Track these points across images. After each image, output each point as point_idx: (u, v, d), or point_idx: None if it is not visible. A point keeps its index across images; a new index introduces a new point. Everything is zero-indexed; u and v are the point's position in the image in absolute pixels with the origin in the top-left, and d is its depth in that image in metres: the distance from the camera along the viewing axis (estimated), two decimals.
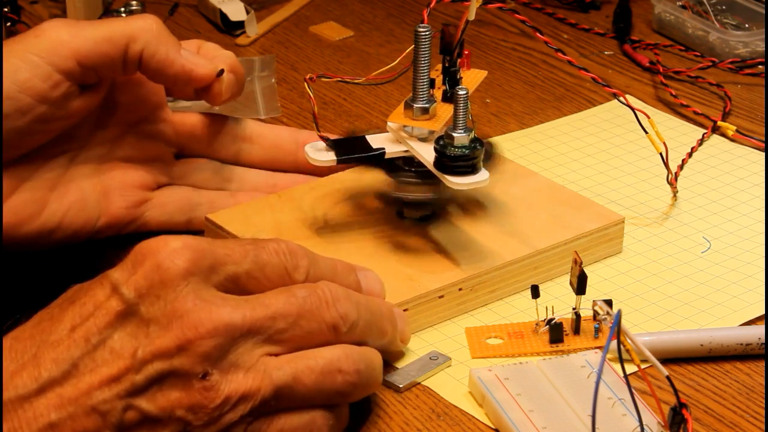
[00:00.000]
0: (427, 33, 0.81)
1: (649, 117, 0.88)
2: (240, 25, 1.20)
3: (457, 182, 0.79)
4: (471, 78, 0.87)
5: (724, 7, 1.19)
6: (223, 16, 1.20)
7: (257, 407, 0.64)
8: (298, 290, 0.67)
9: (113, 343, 0.62)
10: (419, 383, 0.75)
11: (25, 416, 0.60)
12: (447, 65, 0.83)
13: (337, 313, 0.67)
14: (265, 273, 0.67)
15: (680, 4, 1.19)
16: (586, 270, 0.77)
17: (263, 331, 0.64)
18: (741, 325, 0.80)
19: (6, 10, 1.19)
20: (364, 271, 0.73)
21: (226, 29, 1.20)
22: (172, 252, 0.63)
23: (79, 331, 0.62)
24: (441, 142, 0.79)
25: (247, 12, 1.20)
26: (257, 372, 0.64)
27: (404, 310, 0.78)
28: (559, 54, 0.88)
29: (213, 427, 0.63)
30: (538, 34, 0.86)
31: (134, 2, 1.24)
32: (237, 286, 0.66)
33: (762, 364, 0.77)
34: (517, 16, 0.86)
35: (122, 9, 1.23)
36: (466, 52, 0.85)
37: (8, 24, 1.19)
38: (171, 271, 0.63)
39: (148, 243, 0.64)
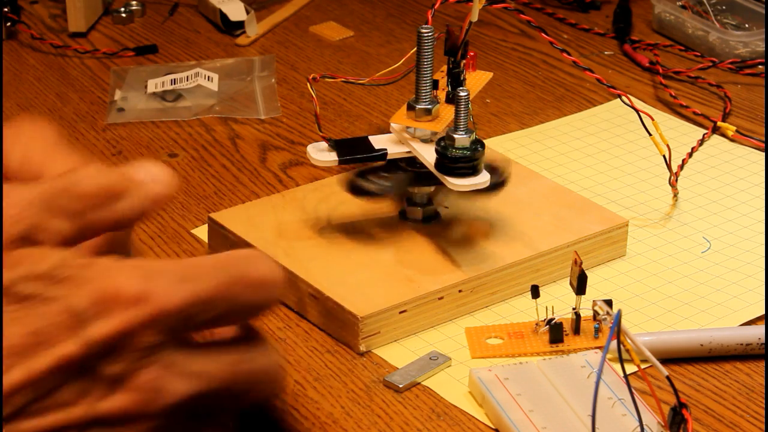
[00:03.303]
0: (430, 34, 0.81)
1: (653, 118, 0.88)
2: (240, 25, 1.20)
3: (457, 184, 0.79)
4: (476, 80, 0.87)
5: (724, 7, 1.19)
6: (223, 16, 1.20)
7: None
8: (245, 357, 0.63)
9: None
10: (419, 383, 0.75)
11: None
12: (451, 66, 0.83)
13: None
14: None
15: (680, 4, 1.19)
16: (588, 272, 0.77)
17: None
18: (741, 325, 0.80)
19: (6, 10, 1.19)
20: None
21: (226, 29, 1.20)
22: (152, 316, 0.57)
23: None
24: (442, 144, 0.80)
25: (247, 12, 1.20)
26: None
27: (403, 311, 0.78)
28: (564, 55, 0.88)
29: None
30: (543, 35, 0.86)
31: (134, 2, 1.24)
32: (204, 326, 0.61)
33: (762, 364, 0.77)
34: (522, 16, 0.86)
35: (122, 9, 1.23)
36: (471, 54, 0.85)
37: (8, 24, 1.19)
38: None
39: None
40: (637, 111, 0.87)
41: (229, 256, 0.60)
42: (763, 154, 1.00)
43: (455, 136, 0.79)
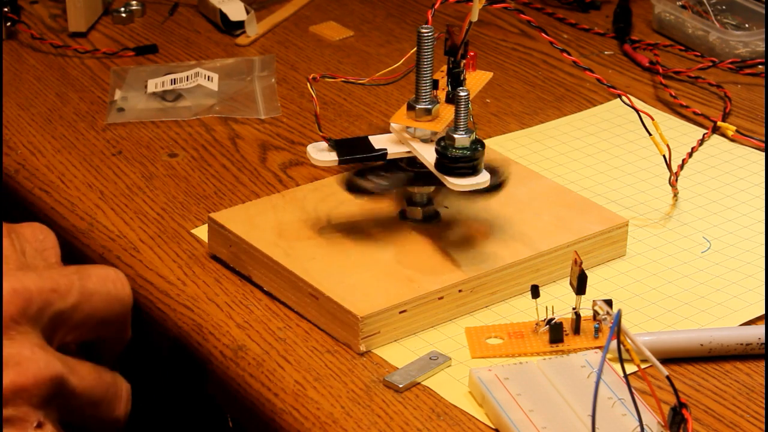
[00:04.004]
0: (430, 34, 0.81)
1: (653, 118, 0.88)
2: (240, 25, 1.20)
3: (457, 183, 0.79)
4: (476, 79, 0.87)
5: (724, 7, 1.19)
6: (223, 16, 1.20)
7: None
8: (106, 374, 0.69)
9: None
10: (419, 383, 0.75)
11: None
12: (451, 66, 0.83)
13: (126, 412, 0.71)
14: (92, 303, 0.67)
15: (680, 4, 1.19)
16: (588, 272, 0.77)
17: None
18: (741, 325, 0.80)
19: (6, 10, 1.19)
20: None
21: (226, 29, 1.20)
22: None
23: None
24: (442, 144, 0.80)
25: (247, 12, 1.20)
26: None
27: (403, 311, 0.78)
28: (564, 54, 0.88)
29: None
30: (543, 35, 0.86)
31: (134, 2, 1.24)
32: (63, 324, 0.66)
33: (762, 364, 0.77)
34: (522, 16, 0.86)
35: (122, 9, 1.23)
36: (471, 54, 0.85)
37: (8, 24, 1.19)
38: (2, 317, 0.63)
39: None
40: (637, 111, 0.87)
41: (89, 267, 0.69)
42: (763, 154, 1.00)
43: (455, 136, 0.79)
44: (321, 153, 0.83)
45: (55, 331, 0.65)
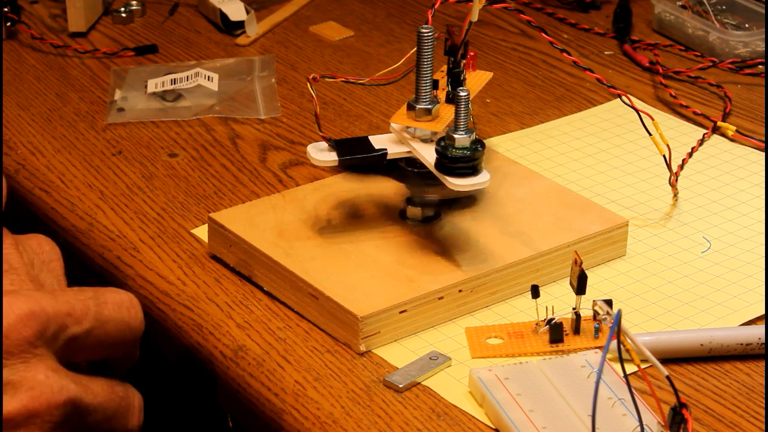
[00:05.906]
0: (430, 34, 0.81)
1: (653, 118, 0.88)
2: (240, 25, 1.20)
3: (457, 183, 0.79)
4: (476, 79, 0.87)
5: (724, 7, 1.19)
6: (223, 16, 1.20)
7: None
8: (118, 387, 0.69)
9: None
10: (419, 383, 0.75)
11: None
12: (451, 66, 0.83)
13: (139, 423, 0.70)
14: (106, 329, 0.67)
15: (680, 4, 1.19)
16: (588, 272, 0.77)
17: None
18: (741, 325, 0.80)
19: (6, 10, 1.19)
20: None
21: (226, 29, 1.20)
22: (18, 320, 0.63)
23: None
24: (442, 144, 0.80)
25: (247, 12, 1.20)
26: None
27: (403, 311, 0.78)
28: (564, 54, 0.88)
29: None
30: (543, 35, 0.86)
31: (134, 2, 1.24)
32: (76, 348, 0.66)
33: (762, 364, 0.77)
34: (522, 16, 0.86)
35: (122, 9, 1.23)
36: (471, 54, 0.85)
37: (8, 24, 1.19)
38: (17, 341, 0.63)
39: None
40: (637, 111, 0.87)
41: (105, 291, 0.68)
42: (763, 154, 1.00)
43: (455, 136, 0.79)
44: (321, 153, 0.83)
45: (67, 353, 0.66)
